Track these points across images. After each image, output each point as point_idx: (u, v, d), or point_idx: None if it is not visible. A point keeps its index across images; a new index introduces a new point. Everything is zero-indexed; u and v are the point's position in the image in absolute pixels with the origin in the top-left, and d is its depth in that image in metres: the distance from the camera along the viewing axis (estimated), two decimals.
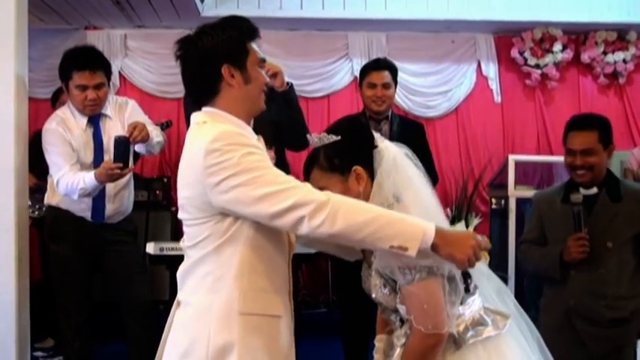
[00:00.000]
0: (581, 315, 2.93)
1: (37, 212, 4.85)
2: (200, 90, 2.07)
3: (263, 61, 2.10)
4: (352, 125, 2.21)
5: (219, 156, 1.89)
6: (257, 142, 2.02)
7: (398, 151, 2.11)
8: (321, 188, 1.96)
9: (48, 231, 3.82)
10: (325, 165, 2.08)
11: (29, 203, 4.82)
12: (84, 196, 3.60)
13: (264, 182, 1.87)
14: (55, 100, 5.29)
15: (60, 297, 3.78)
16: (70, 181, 3.58)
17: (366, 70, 4.23)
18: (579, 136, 2.95)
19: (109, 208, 3.75)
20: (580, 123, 3.01)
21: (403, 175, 2.07)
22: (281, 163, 3.79)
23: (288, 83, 3.58)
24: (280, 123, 3.62)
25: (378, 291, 2.06)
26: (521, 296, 4.68)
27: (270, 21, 6.38)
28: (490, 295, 2.14)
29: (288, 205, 1.85)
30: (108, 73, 3.76)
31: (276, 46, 6.61)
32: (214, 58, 2.01)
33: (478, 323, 2.03)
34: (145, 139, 3.60)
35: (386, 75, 4.16)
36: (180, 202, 2.07)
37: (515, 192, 4.95)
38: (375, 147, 2.10)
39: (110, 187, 3.71)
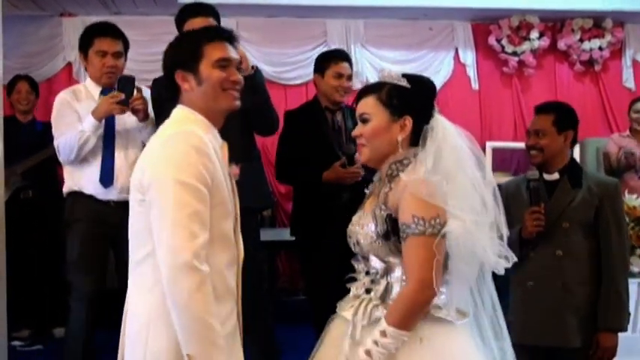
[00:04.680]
0: (539, 296, 2.97)
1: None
2: (169, 94, 2.18)
3: (224, 60, 2.13)
4: (424, 84, 2.25)
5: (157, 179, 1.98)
6: (215, 151, 2.06)
7: (452, 130, 2.18)
8: (365, 115, 2.14)
9: (65, 218, 3.74)
10: (384, 98, 2.14)
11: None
12: (83, 143, 3.55)
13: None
14: (11, 91, 5.26)
15: (76, 282, 3.68)
16: (67, 137, 3.57)
17: (330, 60, 4.17)
18: (536, 118, 3.06)
19: (122, 178, 3.60)
20: (540, 107, 3.12)
21: (453, 155, 2.12)
22: (250, 150, 3.78)
23: (253, 67, 3.55)
24: (248, 109, 3.59)
25: (365, 233, 2.11)
26: (497, 283, 4.72)
27: (248, 8, 6.36)
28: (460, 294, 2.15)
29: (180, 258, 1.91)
30: (126, 46, 3.81)
31: (254, 32, 6.59)
32: (170, 66, 2.15)
33: (434, 306, 2.06)
34: (142, 111, 3.57)
35: (348, 66, 4.16)
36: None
37: (495, 178, 4.98)
38: (432, 115, 2.17)
39: (119, 152, 3.66)
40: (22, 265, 5.10)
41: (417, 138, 2.13)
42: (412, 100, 2.15)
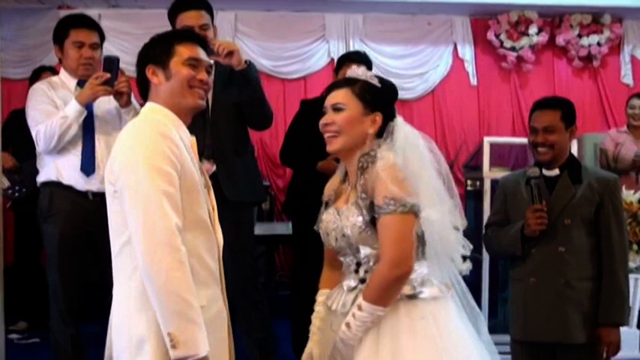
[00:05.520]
0: (542, 292, 2.97)
1: (17, 194, 4.78)
2: (140, 88, 2.25)
3: (195, 59, 2.20)
4: (391, 86, 2.35)
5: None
6: (184, 143, 2.10)
7: (413, 132, 2.30)
8: (339, 105, 2.24)
9: (41, 210, 3.64)
10: (358, 92, 2.25)
11: (8, 184, 4.77)
12: (65, 130, 3.46)
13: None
14: (35, 80, 5.23)
15: (52, 281, 3.62)
16: (48, 124, 3.47)
17: (345, 60, 4.30)
18: (542, 114, 3.01)
19: (103, 167, 3.45)
20: (544, 103, 3.08)
21: (416, 153, 2.24)
22: (243, 143, 3.78)
23: (246, 62, 3.55)
24: (242, 103, 3.59)
25: (352, 224, 2.18)
26: (495, 278, 4.73)
27: (247, 1, 6.35)
28: (442, 267, 2.28)
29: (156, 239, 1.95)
30: (102, 37, 3.75)
31: (252, 27, 6.59)
32: (142, 60, 2.22)
33: (423, 284, 2.18)
34: (125, 95, 3.49)
35: (365, 69, 4.23)
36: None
37: (490, 174, 4.96)
38: (395, 116, 2.30)
39: (100, 140, 3.59)
40: (26, 257, 5.11)
41: (381, 132, 2.26)
42: (382, 98, 2.28)
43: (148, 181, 1.97)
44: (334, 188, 2.37)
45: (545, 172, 3.02)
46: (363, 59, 4.33)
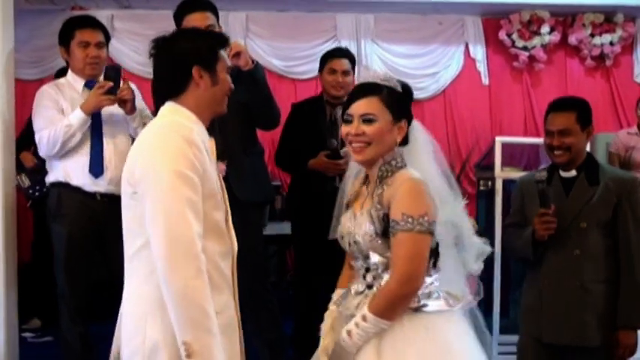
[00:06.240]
0: (557, 295, 2.95)
1: (37, 193, 4.81)
2: (169, 86, 2.17)
3: (230, 69, 2.24)
4: (409, 89, 2.34)
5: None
6: (204, 145, 2.09)
7: (423, 132, 2.34)
8: (371, 116, 2.19)
9: (50, 210, 3.71)
10: (386, 101, 2.22)
11: (29, 184, 4.82)
12: (69, 138, 3.53)
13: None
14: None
15: (60, 281, 3.67)
16: (51, 131, 3.53)
17: (327, 57, 4.43)
18: (557, 117, 2.98)
19: (111, 169, 3.61)
20: (559, 105, 3.04)
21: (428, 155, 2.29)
22: (251, 144, 3.81)
23: (253, 62, 3.58)
24: (249, 103, 3.62)
25: (364, 232, 2.19)
26: (507, 278, 4.72)
27: (258, 2, 6.36)
28: (452, 279, 2.28)
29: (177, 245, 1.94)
30: (107, 36, 3.80)
31: (264, 27, 6.60)
32: (187, 58, 2.14)
33: (429, 296, 2.18)
34: (129, 102, 3.56)
35: (345, 62, 4.39)
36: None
37: (501, 173, 4.95)
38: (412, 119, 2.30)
39: (108, 142, 3.66)
40: (43, 256, 5.15)
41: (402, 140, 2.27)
42: (405, 104, 2.27)
43: (171, 187, 1.95)
44: (356, 189, 2.37)
45: (562, 173, 3.00)
46: (344, 54, 4.49)
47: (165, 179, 1.96)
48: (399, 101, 2.24)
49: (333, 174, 4.13)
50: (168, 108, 2.15)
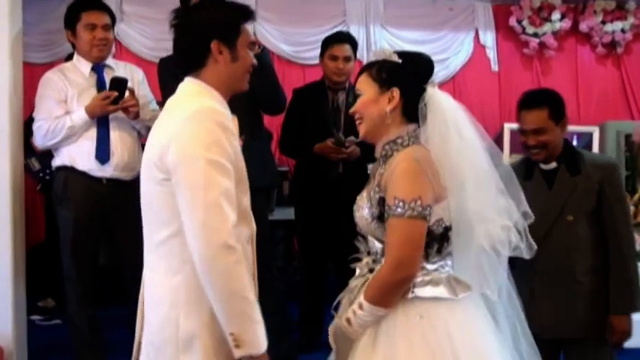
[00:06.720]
0: (549, 290, 2.93)
1: (47, 177, 4.81)
2: (188, 60, 2.10)
3: (253, 43, 2.15)
4: (417, 58, 2.26)
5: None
6: (230, 122, 2.04)
7: (450, 104, 2.18)
8: (358, 91, 2.20)
9: (56, 194, 3.72)
10: (374, 74, 2.19)
11: (39, 167, 4.85)
12: (69, 136, 3.58)
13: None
14: None
15: (67, 265, 3.69)
16: (52, 125, 3.58)
17: (328, 42, 4.38)
18: (529, 115, 2.90)
19: (117, 155, 3.64)
20: (529, 102, 2.95)
21: (456, 134, 2.14)
22: (256, 128, 3.81)
23: (260, 46, 3.57)
24: (255, 87, 3.62)
25: (361, 215, 2.17)
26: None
27: None
28: (466, 268, 2.17)
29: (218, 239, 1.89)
30: (113, 18, 3.80)
31: (273, 12, 6.57)
32: (206, 32, 2.05)
33: (432, 282, 2.10)
34: (132, 114, 3.63)
35: (347, 48, 4.35)
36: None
37: (510, 159, 4.96)
38: (424, 89, 2.16)
39: (114, 128, 3.67)
40: (55, 238, 5.19)
41: (410, 114, 2.15)
42: (401, 72, 2.17)
43: (207, 178, 1.90)
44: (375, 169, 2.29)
45: (542, 166, 2.95)
46: (346, 39, 4.43)
47: (201, 169, 1.90)
48: (390, 70, 2.16)
49: (334, 159, 4.15)
50: (191, 86, 2.08)
